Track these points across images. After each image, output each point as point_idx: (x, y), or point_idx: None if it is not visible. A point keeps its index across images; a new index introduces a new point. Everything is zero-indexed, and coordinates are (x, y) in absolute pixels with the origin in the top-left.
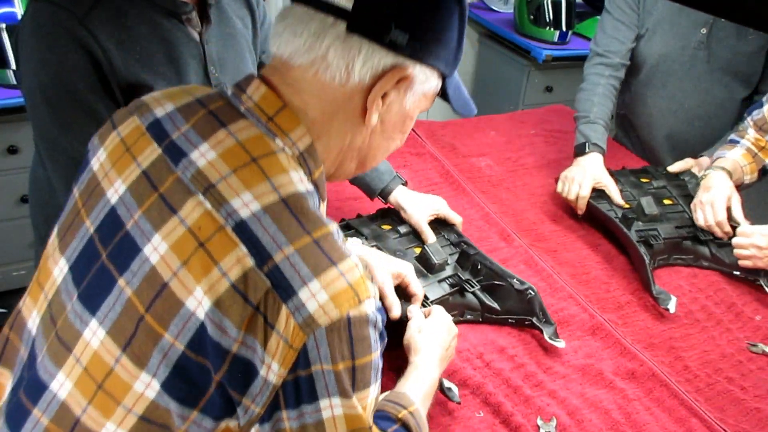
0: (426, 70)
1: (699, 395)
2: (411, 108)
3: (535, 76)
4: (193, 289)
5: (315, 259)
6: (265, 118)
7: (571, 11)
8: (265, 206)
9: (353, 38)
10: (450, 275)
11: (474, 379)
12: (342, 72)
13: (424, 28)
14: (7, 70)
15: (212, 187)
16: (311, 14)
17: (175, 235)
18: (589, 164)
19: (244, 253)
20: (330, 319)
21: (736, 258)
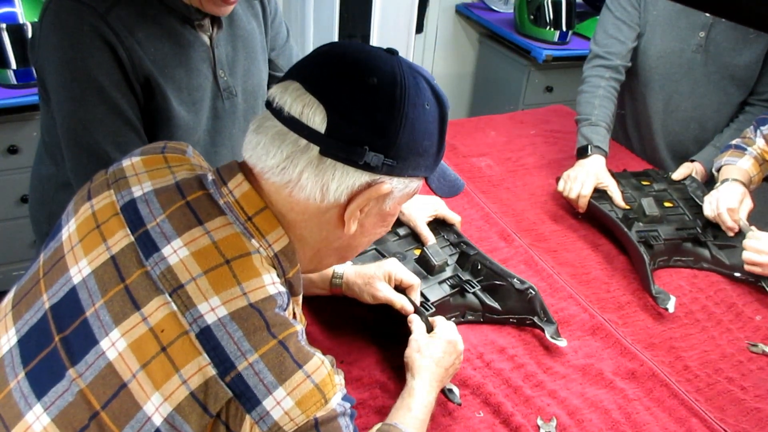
0: (405, 180)
1: (699, 395)
2: (391, 208)
3: (535, 76)
4: (152, 394)
5: (280, 364)
6: (244, 218)
7: (571, 11)
8: (232, 312)
9: (327, 162)
10: (450, 276)
11: (474, 379)
12: (317, 193)
13: (400, 147)
14: (7, 70)
15: (180, 288)
16: (284, 134)
17: (135, 333)
18: (592, 165)
19: (206, 362)
20: (296, 425)
21: (736, 260)
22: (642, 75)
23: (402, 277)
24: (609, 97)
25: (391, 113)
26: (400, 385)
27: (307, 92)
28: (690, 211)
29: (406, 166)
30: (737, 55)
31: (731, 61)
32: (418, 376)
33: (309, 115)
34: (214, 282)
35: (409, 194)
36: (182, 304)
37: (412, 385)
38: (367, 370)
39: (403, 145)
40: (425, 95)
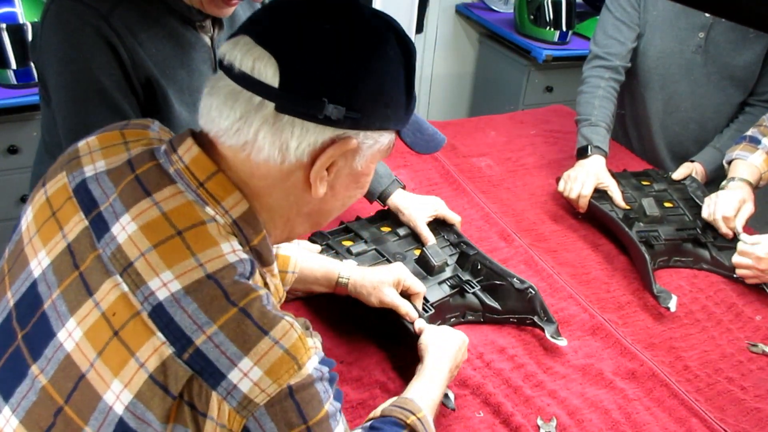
0: (373, 134)
1: (699, 395)
2: (364, 167)
3: (535, 76)
4: (110, 382)
5: (243, 333)
6: (195, 184)
7: (571, 11)
8: (187, 286)
9: (284, 118)
10: (450, 276)
11: (474, 379)
12: (276, 154)
13: (362, 97)
14: (7, 70)
15: (130, 266)
16: (237, 93)
17: (89, 320)
18: (592, 165)
19: (161, 342)
20: (268, 396)
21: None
22: (642, 75)
23: (410, 284)
24: (609, 97)
25: (349, 60)
26: (401, 385)
27: (257, 45)
28: (690, 211)
29: (373, 119)
30: (737, 56)
31: (731, 62)
32: (433, 355)
33: (260, 70)
34: (165, 255)
35: (382, 150)
36: (132, 283)
37: (427, 362)
38: (367, 370)
39: (366, 95)
40: (387, 40)
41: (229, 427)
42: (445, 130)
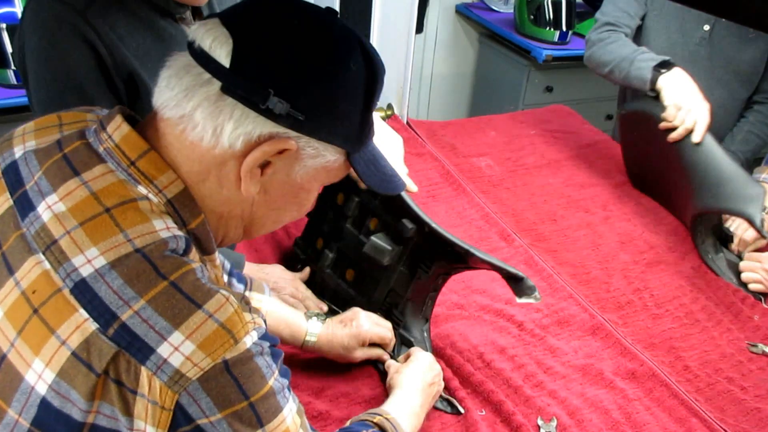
0: (317, 145)
1: (699, 395)
2: (304, 180)
3: (535, 76)
4: (31, 361)
5: (173, 307)
6: (126, 163)
7: (571, 11)
8: (113, 260)
9: (226, 100)
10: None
11: (475, 377)
12: (209, 135)
13: (310, 100)
14: (7, 70)
15: (54, 244)
16: (189, 67)
17: (9, 299)
18: (695, 88)
19: (84, 318)
20: (201, 370)
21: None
22: None
23: (376, 337)
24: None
25: (306, 59)
26: None
27: (221, 25)
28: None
29: (318, 127)
30: (742, 51)
31: (735, 57)
32: (399, 386)
33: (215, 48)
34: (91, 233)
35: (327, 169)
36: (55, 260)
37: (396, 392)
38: (354, 385)
39: (315, 99)
40: (352, 53)
41: (161, 403)
42: (445, 130)
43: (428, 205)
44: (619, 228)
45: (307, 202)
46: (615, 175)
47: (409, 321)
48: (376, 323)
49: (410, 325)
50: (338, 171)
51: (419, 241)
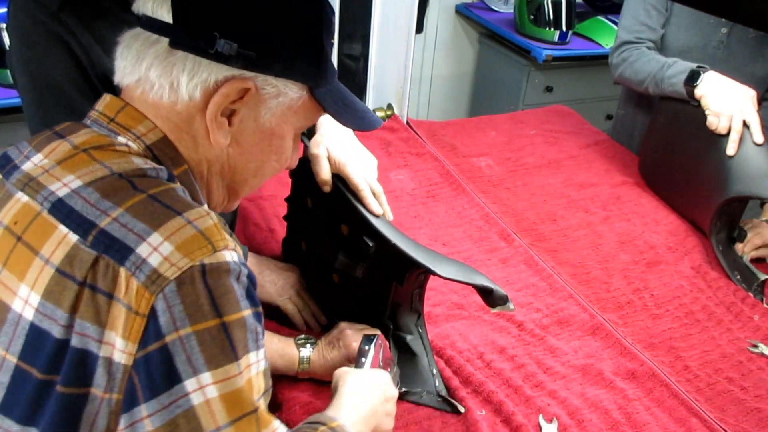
0: (275, 82)
1: (699, 395)
2: (274, 125)
3: (535, 76)
4: (17, 288)
5: (152, 213)
6: (106, 121)
7: (571, 11)
8: (89, 182)
9: (177, 54)
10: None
11: (475, 377)
12: (167, 90)
13: (257, 35)
14: (7, 70)
15: (32, 181)
16: (138, 35)
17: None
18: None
19: (65, 232)
20: (179, 270)
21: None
22: None
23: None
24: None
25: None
26: None
27: None
28: None
29: (271, 63)
30: (758, 54)
31: (752, 60)
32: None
33: (156, 8)
34: (68, 166)
35: (293, 109)
36: (33, 191)
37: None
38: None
39: (263, 35)
40: None
41: (135, 307)
42: (445, 130)
43: (428, 205)
44: (619, 228)
45: (284, 150)
46: (615, 175)
47: (401, 320)
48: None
49: (402, 325)
50: (306, 112)
51: (387, 255)
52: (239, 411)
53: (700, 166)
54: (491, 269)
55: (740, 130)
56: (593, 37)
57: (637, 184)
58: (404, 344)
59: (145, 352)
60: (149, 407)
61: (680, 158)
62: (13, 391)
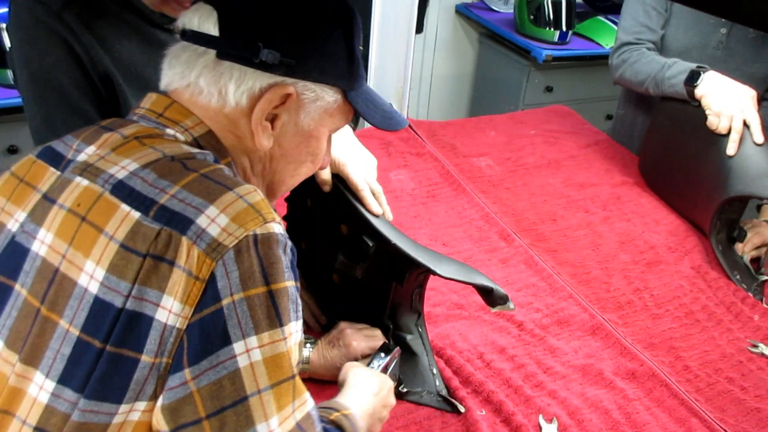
0: (314, 87)
1: (699, 395)
2: (312, 128)
3: (535, 76)
4: (83, 264)
5: (206, 189)
6: (155, 116)
7: (571, 11)
8: (144, 163)
9: (224, 64)
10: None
11: (475, 377)
12: (216, 96)
13: (296, 44)
14: (7, 70)
15: (90, 166)
16: (185, 47)
17: (57, 221)
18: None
19: (126, 211)
20: (236, 239)
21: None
22: None
23: (365, 349)
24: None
25: (282, 9)
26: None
27: (204, 4)
28: None
29: (310, 69)
30: (758, 54)
31: (751, 60)
32: (356, 387)
33: (202, 23)
34: (123, 152)
35: (329, 112)
36: (92, 176)
37: (349, 381)
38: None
39: (301, 43)
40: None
41: (196, 273)
42: (445, 130)
43: (428, 205)
44: (619, 228)
45: (319, 151)
46: (615, 175)
47: (401, 320)
48: (365, 336)
49: (403, 324)
50: (341, 114)
51: (386, 255)
52: (280, 375)
53: (700, 166)
54: (491, 269)
55: (741, 130)
56: (593, 37)
57: (637, 184)
58: (404, 344)
59: (200, 315)
60: (197, 369)
61: (680, 158)
62: (73, 362)
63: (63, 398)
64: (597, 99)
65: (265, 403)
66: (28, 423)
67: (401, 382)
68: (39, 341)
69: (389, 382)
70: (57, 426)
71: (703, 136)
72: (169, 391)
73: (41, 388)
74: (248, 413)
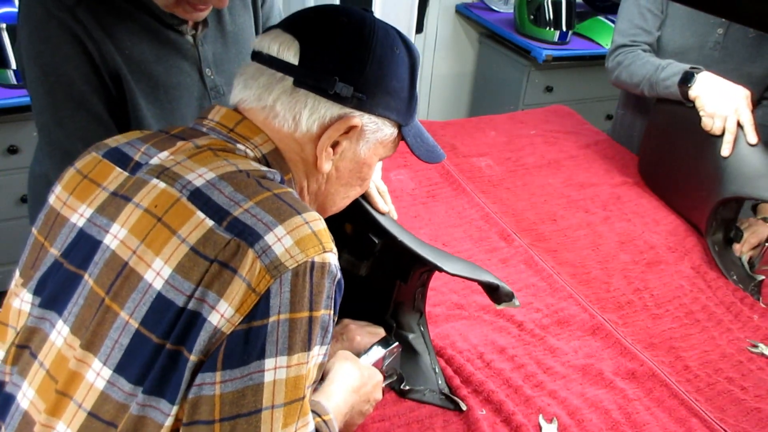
0: (377, 120)
1: (699, 395)
2: (367, 156)
3: (535, 76)
4: (152, 261)
5: (277, 209)
6: (226, 131)
7: (571, 11)
8: (221, 174)
9: (300, 92)
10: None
11: (475, 377)
12: (290, 121)
13: (368, 81)
14: (7, 70)
15: (166, 170)
16: (263, 70)
17: (132, 218)
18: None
19: (202, 218)
20: (296, 262)
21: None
22: None
23: (369, 344)
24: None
25: (359, 47)
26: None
27: (284, 32)
28: None
29: (376, 103)
30: (755, 54)
31: (748, 60)
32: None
33: (283, 51)
34: (198, 160)
35: (384, 143)
36: (170, 179)
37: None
38: None
39: (372, 79)
40: (394, 40)
41: (254, 285)
42: (445, 130)
43: (428, 205)
44: (619, 228)
45: (368, 177)
46: (615, 175)
47: (403, 319)
48: (368, 332)
49: (405, 323)
50: (392, 145)
51: (391, 253)
52: (294, 395)
53: (696, 167)
54: (491, 269)
55: (735, 131)
56: (593, 37)
57: (637, 184)
58: (407, 343)
59: (248, 325)
60: (228, 374)
61: (677, 159)
62: (130, 353)
63: (117, 387)
64: (597, 99)
65: (275, 418)
66: (83, 407)
67: (403, 379)
68: (99, 329)
69: (377, 376)
70: (109, 413)
71: (699, 138)
72: (195, 387)
73: (98, 375)
74: (258, 424)
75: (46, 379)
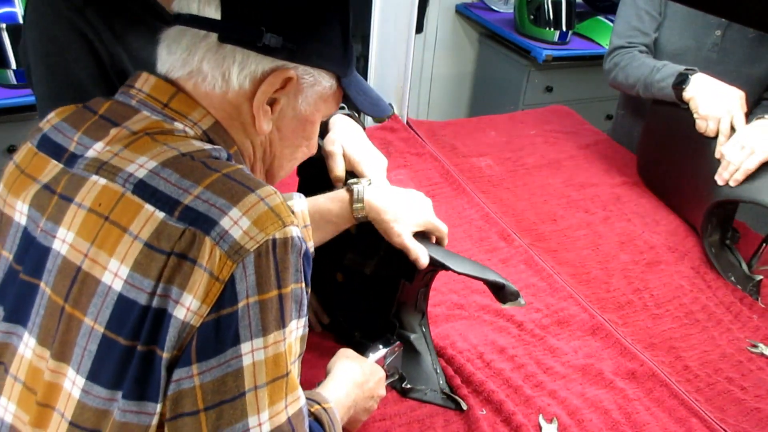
0: (312, 71)
1: (699, 395)
2: (308, 112)
3: (535, 76)
4: (107, 263)
5: (229, 190)
6: (159, 106)
7: (571, 11)
8: (163, 162)
9: (226, 48)
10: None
11: (475, 377)
12: (219, 81)
13: (297, 29)
14: (7, 70)
15: (105, 164)
16: (184, 31)
17: (77, 221)
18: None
19: (151, 211)
20: (257, 243)
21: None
22: None
23: (435, 227)
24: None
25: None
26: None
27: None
28: None
29: (310, 53)
30: (753, 55)
31: (747, 61)
32: (340, 379)
33: (203, 7)
34: (137, 149)
35: (324, 96)
36: (110, 174)
37: (334, 374)
38: None
39: (302, 28)
40: None
41: (216, 273)
42: (445, 130)
43: None
44: (619, 228)
45: (314, 135)
46: (615, 175)
47: (405, 320)
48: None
49: (407, 323)
50: (333, 99)
51: (397, 252)
52: (276, 373)
53: (691, 168)
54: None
55: (728, 133)
56: (593, 37)
57: (636, 184)
58: (408, 343)
59: (217, 315)
60: (204, 365)
61: (673, 161)
62: (100, 359)
63: (93, 394)
64: (597, 99)
65: (260, 398)
66: (65, 417)
67: (404, 378)
68: (66, 338)
69: (379, 373)
70: (90, 421)
71: (694, 139)
72: (174, 383)
73: (74, 384)
74: (243, 407)
75: (24, 391)
